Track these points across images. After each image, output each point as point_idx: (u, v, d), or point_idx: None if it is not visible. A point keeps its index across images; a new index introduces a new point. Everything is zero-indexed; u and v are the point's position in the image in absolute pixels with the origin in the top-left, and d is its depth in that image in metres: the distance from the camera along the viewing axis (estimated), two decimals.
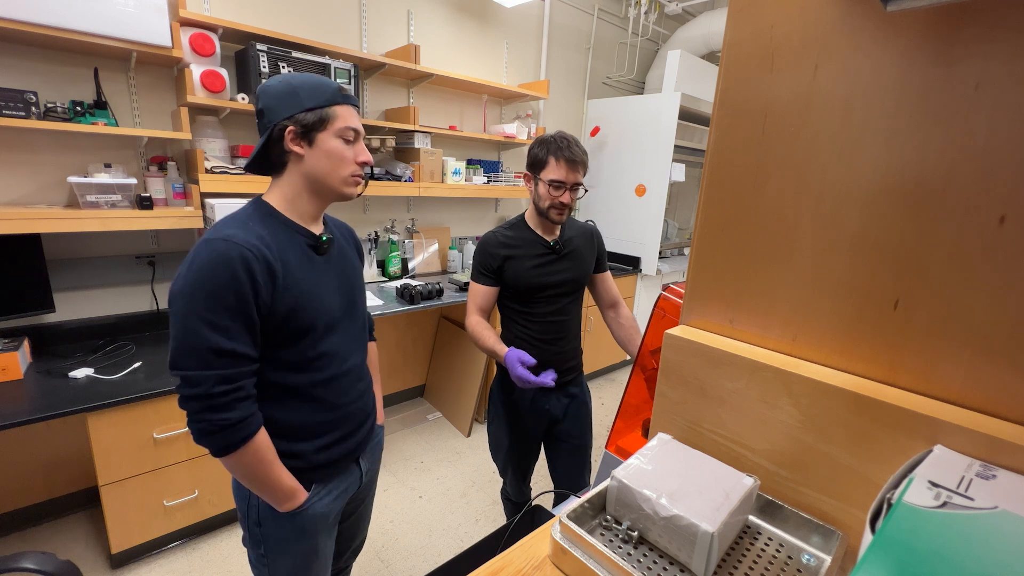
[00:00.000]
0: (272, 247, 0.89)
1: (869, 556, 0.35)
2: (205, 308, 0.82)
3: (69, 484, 2.03)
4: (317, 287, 0.97)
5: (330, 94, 0.93)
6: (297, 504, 0.99)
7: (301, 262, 0.95)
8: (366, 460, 1.16)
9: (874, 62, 0.52)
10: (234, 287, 0.83)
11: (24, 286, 1.78)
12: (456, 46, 3.06)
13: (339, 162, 0.95)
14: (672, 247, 3.98)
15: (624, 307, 1.65)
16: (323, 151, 0.93)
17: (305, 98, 0.91)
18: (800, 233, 0.60)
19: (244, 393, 0.87)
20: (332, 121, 0.93)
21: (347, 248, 1.11)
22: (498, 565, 0.61)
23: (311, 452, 1.00)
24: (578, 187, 1.42)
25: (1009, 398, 0.48)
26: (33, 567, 0.72)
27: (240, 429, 0.86)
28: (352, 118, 0.96)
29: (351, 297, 1.07)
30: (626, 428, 1.47)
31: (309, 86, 0.93)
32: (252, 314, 0.86)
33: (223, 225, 0.90)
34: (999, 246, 0.47)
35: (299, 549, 1.02)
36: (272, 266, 0.88)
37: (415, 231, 3.05)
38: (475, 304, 1.52)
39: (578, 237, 1.55)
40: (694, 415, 0.70)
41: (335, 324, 1.01)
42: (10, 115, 1.59)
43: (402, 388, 3.18)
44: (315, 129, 0.92)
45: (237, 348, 0.85)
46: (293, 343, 0.94)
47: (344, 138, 0.95)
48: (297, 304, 0.92)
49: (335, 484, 1.07)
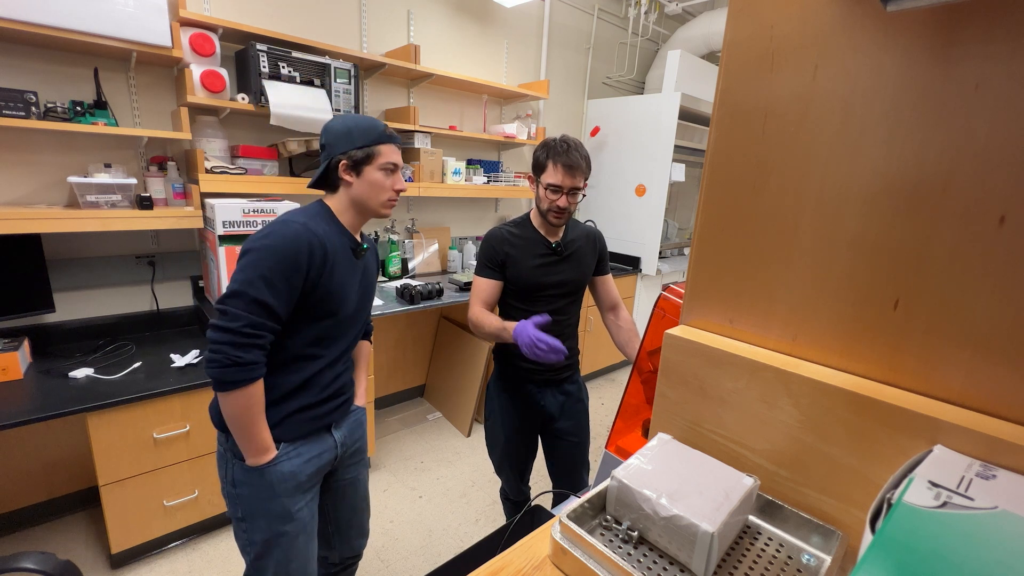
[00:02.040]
0: (328, 240, 1.11)
1: (869, 556, 0.35)
2: (268, 268, 1.00)
3: (69, 484, 2.03)
4: (348, 283, 1.17)
5: (376, 135, 1.15)
6: (267, 459, 1.10)
7: (344, 259, 1.16)
8: (340, 432, 1.26)
9: (874, 62, 0.52)
10: (295, 260, 1.03)
11: (24, 286, 1.78)
12: (456, 46, 3.06)
13: (379, 190, 1.17)
14: (672, 247, 3.98)
15: (624, 310, 1.65)
16: (367, 181, 1.16)
17: (358, 138, 1.13)
18: (800, 233, 0.60)
19: (262, 342, 1.02)
20: (377, 157, 1.15)
21: (372, 257, 1.32)
22: (498, 565, 0.61)
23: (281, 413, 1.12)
24: (576, 192, 1.42)
25: (1009, 398, 0.48)
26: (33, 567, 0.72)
27: (247, 371, 1.00)
28: (393, 154, 1.18)
29: (365, 298, 1.27)
30: (626, 428, 1.46)
31: (363, 128, 1.14)
32: (298, 285, 1.05)
33: (298, 213, 1.11)
34: (999, 246, 0.47)
35: (271, 508, 1.12)
36: (327, 255, 1.09)
37: (415, 231, 3.05)
38: (479, 298, 1.53)
39: (580, 239, 1.56)
40: (694, 415, 0.70)
41: (351, 315, 1.21)
42: (10, 115, 1.59)
43: (402, 388, 3.18)
44: (363, 163, 1.14)
45: (276, 306, 1.02)
46: (320, 320, 1.13)
47: (385, 170, 1.17)
48: (334, 290, 1.12)
49: (306, 448, 1.17)
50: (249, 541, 1.14)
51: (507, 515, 1.92)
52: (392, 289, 2.70)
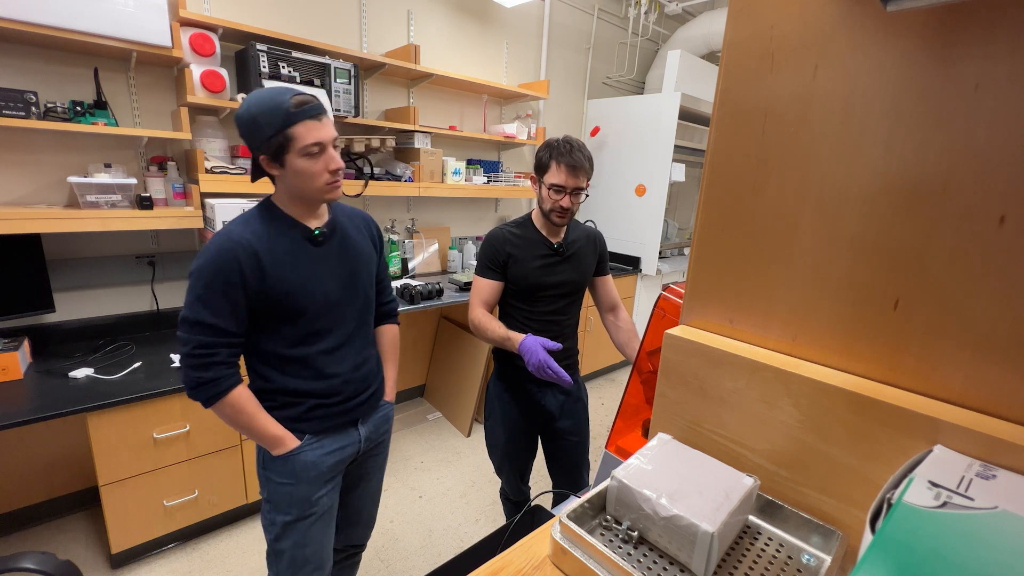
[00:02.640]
0: (264, 241, 1.05)
1: (869, 556, 0.35)
2: (202, 288, 1.00)
3: (69, 484, 2.03)
4: (311, 273, 1.10)
5: (283, 116, 0.99)
6: (286, 449, 1.12)
7: (294, 253, 1.09)
8: (366, 427, 1.26)
9: (874, 62, 0.52)
10: (225, 276, 1.00)
11: (24, 286, 1.78)
12: (456, 46, 3.06)
13: (309, 178, 1.05)
14: (672, 247, 3.98)
15: (623, 311, 1.65)
16: (292, 171, 1.04)
17: (264, 126, 0.99)
18: (800, 233, 0.60)
19: (219, 359, 1.03)
20: (293, 143, 1.00)
21: (357, 235, 1.22)
22: (498, 565, 0.61)
23: (304, 410, 1.14)
24: (579, 192, 1.43)
25: (1009, 398, 0.48)
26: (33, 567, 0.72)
27: (212, 387, 1.03)
28: (312, 133, 1.01)
29: (352, 280, 1.19)
30: (626, 428, 1.46)
31: (266, 113, 0.99)
32: (238, 298, 1.02)
33: (231, 222, 1.08)
34: (999, 246, 0.47)
35: (295, 492, 1.15)
36: (259, 258, 1.03)
37: (415, 231, 3.05)
38: (479, 298, 1.53)
39: (581, 240, 1.56)
40: (694, 415, 0.70)
41: (331, 305, 1.14)
42: (10, 115, 1.59)
43: (402, 388, 3.18)
44: (281, 153, 1.02)
45: (217, 323, 1.01)
46: (290, 322, 1.10)
47: (308, 154, 1.02)
48: (289, 291, 1.07)
49: (330, 441, 1.18)
50: (271, 522, 1.18)
51: (507, 515, 1.92)
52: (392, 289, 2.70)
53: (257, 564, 1.85)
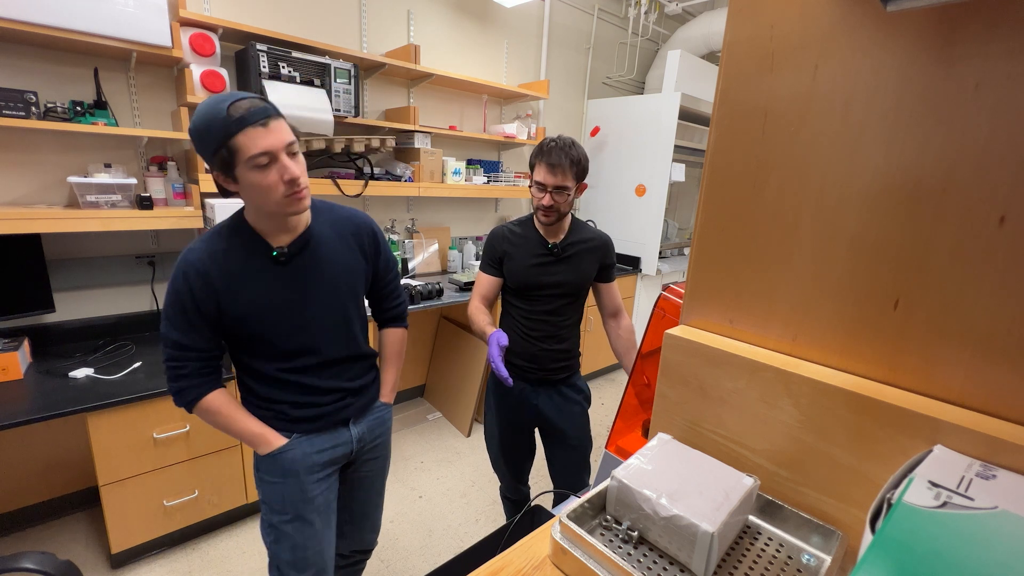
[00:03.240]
0: (220, 261, 1.02)
1: (869, 556, 0.35)
2: (166, 304, 1.03)
3: (69, 484, 2.03)
4: (275, 293, 1.06)
5: (220, 127, 0.89)
6: (270, 447, 1.12)
7: (256, 272, 1.04)
8: (358, 427, 1.24)
9: (874, 62, 0.52)
10: (177, 293, 1.01)
11: (24, 286, 1.77)
12: (456, 46, 3.06)
13: (264, 191, 0.95)
14: (672, 247, 3.97)
15: (625, 318, 1.65)
16: (246, 185, 0.95)
17: (208, 141, 0.91)
18: (800, 233, 0.60)
19: (187, 371, 1.05)
20: (238, 154, 0.91)
21: (338, 247, 1.13)
22: (498, 565, 0.61)
23: (288, 408, 1.14)
24: (562, 191, 1.42)
25: (1009, 398, 0.48)
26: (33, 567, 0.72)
27: (185, 395, 1.06)
28: (256, 141, 0.90)
29: (328, 298, 1.13)
30: (626, 428, 1.46)
31: (204, 126, 0.91)
32: (193, 316, 1.02)
33: (199, 237, 1.06)
34: (999, 246, 0.47)
35: (286, 490, 1.15)
36: (211, 280, 1.01)
37: (415, 231, 3.05)
38: (479, 292, 1.58)
39: (583, 244, 1.54)
40: (694, 415, 0.70)
41: (303, 324, 1.10)
42: (10, 115, 1.59)
43: (402, 388, 3.18)
44: (229, 168, 0.93)
45: (178, 339, 1.03)
46: (258, 340, 1.08)
47: (257, 166, 0.92)
48: (248, 312, 1.05)
49: (319, 440, 1.18)
50: (268, 523, 1.18)
51: (507, 515, 1.92)
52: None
53: (257, 564, 1.85)
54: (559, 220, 1.49)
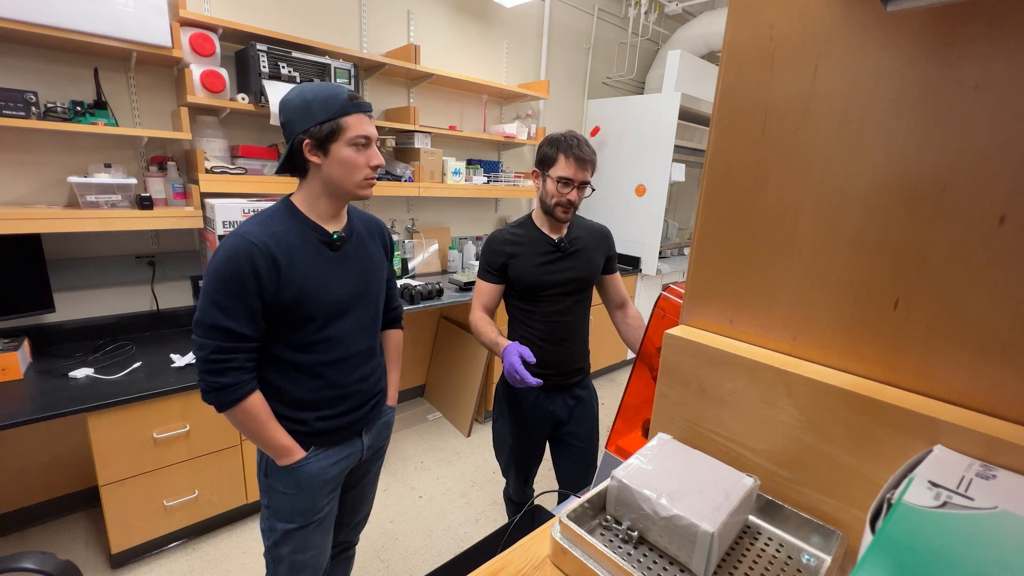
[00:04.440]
0: (282, 243, 1.03)
1: (869, 556, 0.35)
2: (215, 290, 0.98)
3: (69, 484, 2.03)
4: (325, 279, 1.08)
5: (340, 106, 1.01)
6: (292, 460, 1.11)
7: (311, 257, 1.07)
8: (369, 435, 1.26)
9: (874, 62, 0.52)
10: (239, 276, 0.98)
11: (24, 286, 1.78)
12: (456, 46, 3.06)
13: (352, 169, 1.05)
14: (672, 247, 3.97)
15: (632, 306, 1.64)
16: (337, 160, 1.03)
17: (317, 111, 1.00)
18: (800, 233, 0.60)
19: (236, 364, 1.01)
20: (343, 132, 1.02)
21: (369, 242, 1.21)
22: (498, 565, 0.61)
23: (312, 420, 1.13)
24: (585, 186, 1.42)
25: (1009, 398, 0.48)
26: (33, 567, 0.72)
27: (230, 392, 1.01)
28: (362, 125, 1.04)
29: (363, 288, 1.17)
30: (626, 428, 1.46)
31: (321, 99, 1.01)
32: (253, 301, 1.00)
33: (247, 221, 1.05)
34: (999, 246, 0.47)
35: (298, 502, 1.15)
36: (276, 260, 1.01)
37: (415, 231, 3.05)
38: (480, 301, 1.53)
39: (587, 236, 1.54)
40: (694, 415, 0.70)
41: (343, 312, 1.12)
42: (10, 115, 1.59)
43: (402, 388, 3.18)
44: (328, 140, 1.02)
45: (233, 327, 0.99)
46: (300, 327, 1.07)
47: (356, 145, 1.04)
48: (302, 294, 1.04)
49: (335, 451, 1.18)
50: (271, 528, 1.17)
51: (509, 515, 1.92)
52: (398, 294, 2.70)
53: (257, 564, 1.85)
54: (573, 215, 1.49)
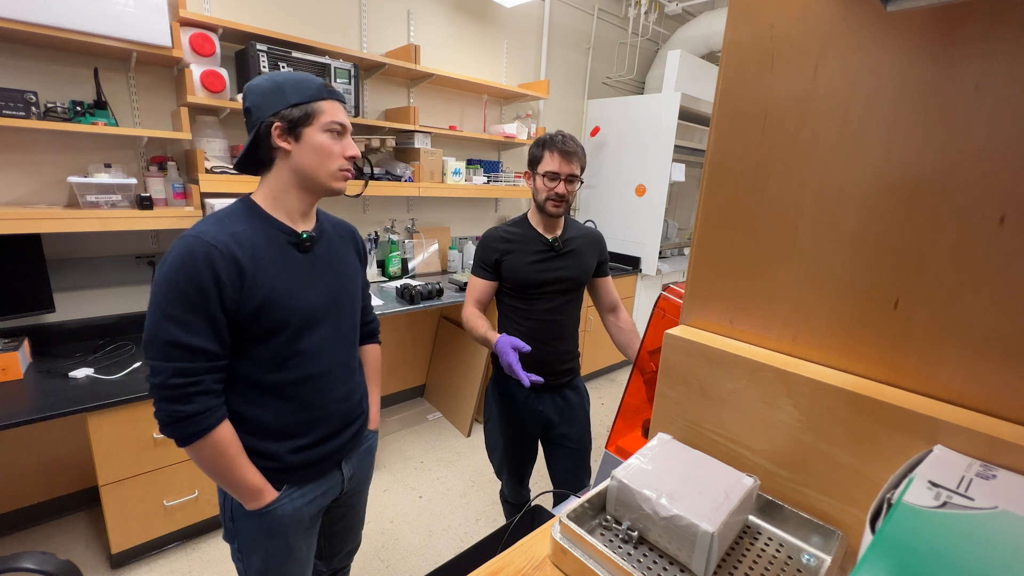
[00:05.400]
0: (245, 243, 0.90)
1: (869, 556, 0.35)
2: (166, 301, 0.84)
3: (69, 484, 2.03)
4: (295, 284, 0.96)
5: (315, 89, 0.94)
6: (263, 504, 0.98)
7: (278, 259, 0.95)
8: (350, 466, 1.13)
9: (874, 62, 0.52)
10: (197, 283, 0.84)
11: (24, 286, 1.77)
12: (456, 46, 3.06)
13: (326, 156, 0.96)
14: (672, 247, 3.98)
15: (623, 311, 1.65)
16: (310, 146, 0.94)
17: (290, 94, 0.92)
18: (800, 233, 0.60)
19: (203, 388, 0.87)
20: (318, 116, 0.94)
21: (341, 246, 1.10)
22: (498, 565, 0.61)
23: (284, 452, 0.99)
24: (574, 179, 1.43)
25: (1009, 398, 0.48)
26: (33, 567, 0.72)
27: (196, 422, 0.87)
28: (338, 113, 0.97)
29: (337, 296, 1.05)
30: (626, 428, 1.46)
31: (294, 82, 0.94)
32: (215, 311, 0.86)
33: (201, 222, 0.92)
34: (999, 246, 0.47)
35: (269, 547, 1.02)
36: (240, 263, 0.88)
37: (415, 231, 3.05)
38: (472, 297, 1.56)
39: (580, 239, 1.56)
40: (694, 415, 0.70)
41: (315, 322, 1.00)
42: (10, 115, 1.59)
43: (402, 388, 3.18)
44: (301, 124, 0.93)
45: (194, 343, 0.85)
46: (267, 340, 0.94)
47: (331, 131, 0.96)
48: (267, 300, 0.92)
49: (311, 488, 1.05)
50: (241, 562, 1.06)
51: (506, 516, 1.92)
52: (392, 289, 2.70)
53: None
54: (567, 212, 1.50)
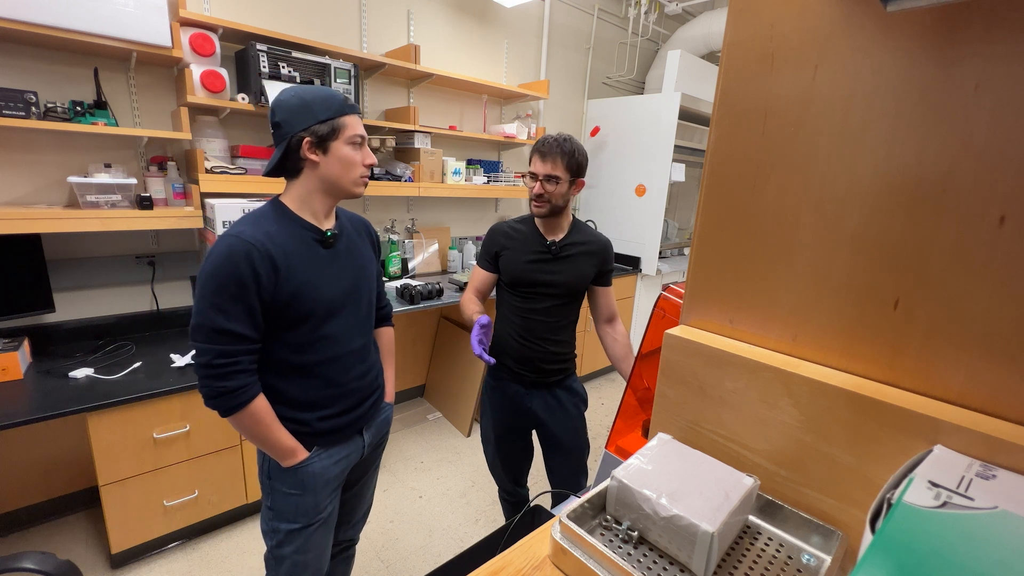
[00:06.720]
0: (278, 242, 1.03)
1: (869, 556, 0.35)
2: (212, 293, 0.98)
3: (69, 484, 2.03)
4: (319, 277, 1.09)
5: (338, 106, 1.06)
6: (296, 461, 1.12)
7: (305, 255, 1.08)
8: (369, 432, 1.27)
9: (874, 62, 0.52)
10: (237, 277, 0.97)
11: (24, 286, 1.77)
12: (456, 46, 3.06)
13: (350, 166, 1.09)
14: (672, 247, 3.97)
15: (620, 324, 1.63)
16: (336, 157, 1.07)
17: (318, 111, 1.04)
18: (800, 233, 0.60)
19: (240, 367, 1.01)
20: (343, 130, 1.06)
21: (358, 240, 1.23)
22: (498, 565, 0.61)
23: (313, 420, 1.14)
24: (552, 180, 1.42)
25: (1009, 398, 0.48)
26: (33, 567, 0.72)
27: (235, 396, 1.01)
28: (358, 126, 1.09)
29: (356, 285, 1.18)
30: (626, 428, 1.46)
31: (320, 99, 1.05)
32: (252, 301, 1.00)
33: (239, 222, 1.06)
34: (999, 246, 0.47)
35: (302, 503, 1.15)
36: (274, 259, 1.01)
37: (415, 231, 3.05)
38: (473, 285, 1.61)
39: (582, 245, 1.52)
40: (694, 415, 0.70)
41: (337, 310, 1.13)
42: (10, 115, 1.59)
43: (402, 388, 3.18)
44: (329, 139, 1.05)
45: (235, 329, 0.99)
46: (296, 327, 1.08)
47: (353, 144, 1.08)
48: (297, 292, 1.05)
49: (336, 450, 1.19)
50: (273, 529, 1.17)
51: (506, 516, 1.92)
52: (392, 289, 2.70)
53: (257, 564, 1.85)
54: (552, 214, 1.47)
